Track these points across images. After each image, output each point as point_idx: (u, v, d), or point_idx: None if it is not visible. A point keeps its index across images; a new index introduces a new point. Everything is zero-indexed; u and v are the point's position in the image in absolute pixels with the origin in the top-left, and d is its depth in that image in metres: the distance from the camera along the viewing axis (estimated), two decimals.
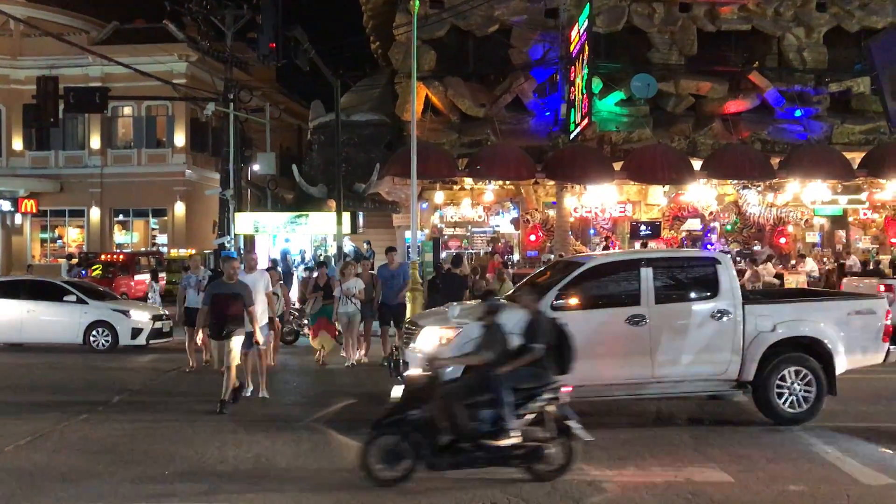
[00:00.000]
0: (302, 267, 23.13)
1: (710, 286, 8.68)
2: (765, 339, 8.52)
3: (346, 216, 21.91)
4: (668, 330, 8.43)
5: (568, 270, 8.87)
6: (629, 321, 8.37)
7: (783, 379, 8.49)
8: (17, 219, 33.48)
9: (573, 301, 8.39)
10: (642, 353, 8.37)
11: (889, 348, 9.00)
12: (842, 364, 8.68)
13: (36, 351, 15.38)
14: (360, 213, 24.74)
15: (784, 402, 8.50)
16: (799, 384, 8.51)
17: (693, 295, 8.81)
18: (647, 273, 8.55)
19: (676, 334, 8.45)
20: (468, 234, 25.61)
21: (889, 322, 9.00)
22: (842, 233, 25.66)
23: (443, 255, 23.57)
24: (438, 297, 13.04)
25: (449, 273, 14.56)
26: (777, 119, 24.14)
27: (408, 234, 21.01)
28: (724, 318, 8.50)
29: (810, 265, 21.06)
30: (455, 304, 10.20)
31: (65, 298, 15.44)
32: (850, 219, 25.32)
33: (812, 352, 8.60)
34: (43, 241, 34.50)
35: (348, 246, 23.12)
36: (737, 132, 23.55)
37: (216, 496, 6.27)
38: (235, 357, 9.33)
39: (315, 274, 14.58)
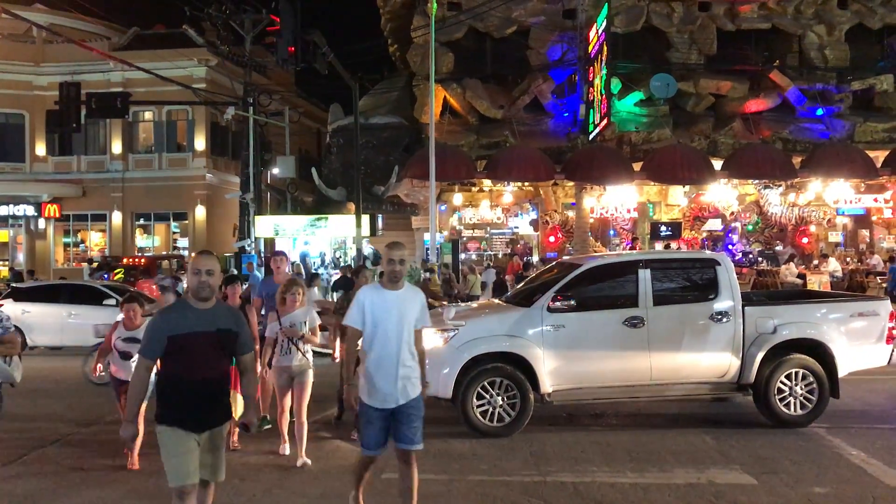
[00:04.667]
0: (322, 270, 23.21)
1: (709, 288, 8.56)
2: (765, 341, 8.40)
3: (366, 219, 21.97)
4: (667, 332, 8.32)
5: (566, 272, 8.81)
6: (627, 323, 8.28)
7: (784, 382, 8.37)
8: (41, 223, 33.86)
9: (570, 303, 8.35)
10: (640, 356, 8.27)
11: (892, 350, 8.86)
12: (845, 366, 8.54)
13: (75, 354, 15.51)
14: (380, 216, 24.81)
15: (785, 405, 8.38)
16: (801, 387, 8.38)
17: (692, 296, 8.68)
18: (645, 275, 8.45)
19: (675, 336, 8.34)
20: (487, 235, 25.62)
21: (893, 324, 8.84)
22: (865, 232, 25.39)
23: (461, 256, 23.64)
24: None
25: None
26: (798, 118, 23.94)
27: (427, 235, 21.04)
28: (724, 320, 8.38)
29: (833, 265, 20.85)
30: (451, 305, 10.17)
31: (104, 302, 15.49)
32: (874, 218, 25.05)
33: (814, 354, 8.48)
34: (66, 245, 34.85)
35: (367, 248, 23.17)
36: (758, 131, 23.38)
37: (242, 494, 6.33)
38: (221, 471, 4.66)
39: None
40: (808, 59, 24.61)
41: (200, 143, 33.20)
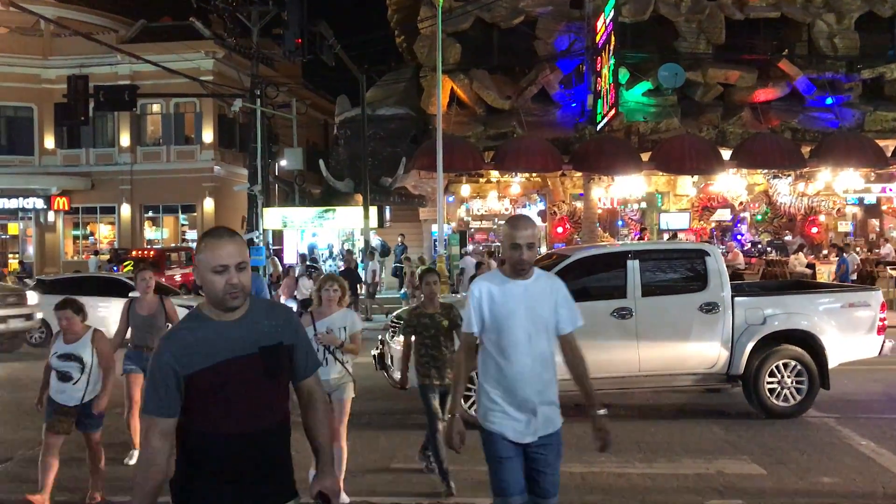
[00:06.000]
0: (330, 262, 23.26)
1: (698, 278, 8.51)
2: (755, 331, 8.37)
3: (373, 210, 21.97)
4: (655, 323, 8.27)
5: (554, 263, 8.76)
6: (615, 314, 8.22)
7: (774, 373, 8.35)
8: (50, 216, 33.98)
9: None
10: (628, 347, 8.22)
11: (884, 341, 8.78)
12: (835, 357, 8.50)
13: None
14: (387, 207, 24.82)
15: (775, 396, 8.35)
16: (790, 378, 8.36)
17: (681, 288, 8.63)
18: (633, 265, 8.38)
19: (664, 328, 8.30)
20: (495, 226, 25.60)
21: (884, 315, 8.78)
22: (875, 222, 25.27)
23: (469, 248, 23.66)
24: None
25: None
26: (807, 107, 23.82)
27: (434, 227, 21.04)
28: (713, 311, 8.33)
29: None
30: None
31: (130, 294, 15.47)
32: (884, 207, 24.92)
33: (804, 345, 8.45)
34: (75, 237, 34.98)
35: (375, 240, 23.18)
36: (766, 121, 23.27)
37: None
38: None
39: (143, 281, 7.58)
40: (818, 47, 24.45)
41: (208, 135, 33.24)
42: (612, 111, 21.06)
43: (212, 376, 2.73)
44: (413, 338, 6.46)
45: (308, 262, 21.78)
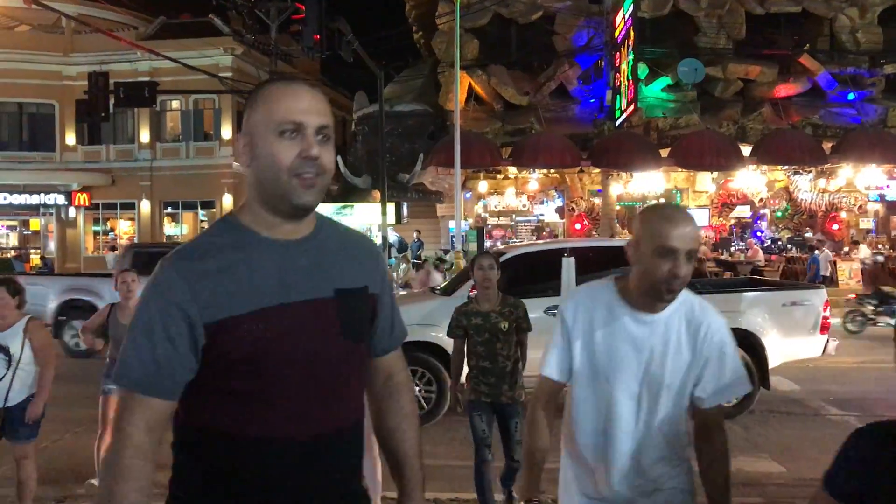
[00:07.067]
0: None
1: None
2: None
3: (391, 206, 21.99)
4: None
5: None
6: (549, 312, 7.97)
7: None
8: (71, 212, 34.33)
9: None
10: None
11: (827, 340, 8.62)
12: (776, 357, 8.34)
13: None
14: (405, 203, 24.84)
15: None
16: None
17: None
18: (569, 263, 8.20)
19: None
20: (512, 223, 25.55)
21: (827, 313, 8.62)
22: None
23: (487, 244, 23.62)
24: None
25: None
26: (829, 103, 23.56)
27: (452, 223, 21.02)
28: None
29: (864, 252, 20.57)
30: None
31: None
32: None
33: (743, 344, 8.18)
34: (96, 233, 35.31)
35: (393, 236, 23.19)
36: (787, 117, 23.05)
37: None
38: None
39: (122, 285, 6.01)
40: (840, 42, 24.17)
41: (227, 131, 33.40)
42: (631, 107, 20.93)
43: (256, 329, 1.55)
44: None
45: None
